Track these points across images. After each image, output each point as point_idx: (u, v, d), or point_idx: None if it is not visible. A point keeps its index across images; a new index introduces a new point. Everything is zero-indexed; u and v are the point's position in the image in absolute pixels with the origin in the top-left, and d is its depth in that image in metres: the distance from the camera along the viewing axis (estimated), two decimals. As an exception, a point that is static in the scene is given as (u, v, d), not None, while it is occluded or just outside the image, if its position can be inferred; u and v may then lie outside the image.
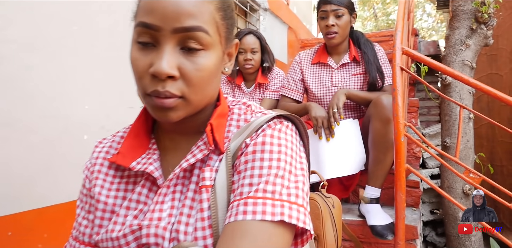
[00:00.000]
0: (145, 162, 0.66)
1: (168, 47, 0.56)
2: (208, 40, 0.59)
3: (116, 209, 0.66)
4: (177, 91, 0.57)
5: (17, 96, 1.24)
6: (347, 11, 1.96)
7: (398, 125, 1.45)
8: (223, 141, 0.65)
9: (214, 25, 0.60)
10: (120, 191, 0.68)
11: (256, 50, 2.22)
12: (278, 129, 0.62)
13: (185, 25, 0.56)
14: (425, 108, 3.79)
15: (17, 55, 1.23)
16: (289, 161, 0.60)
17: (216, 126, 0.65)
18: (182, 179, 0.65)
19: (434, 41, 3.67)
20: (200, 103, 0.62)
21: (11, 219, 1.22)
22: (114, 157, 0.67)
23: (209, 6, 0.59)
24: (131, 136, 0.69)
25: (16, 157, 1.23)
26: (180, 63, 0.57)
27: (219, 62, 0.63)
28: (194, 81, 0.58)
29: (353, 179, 1.96)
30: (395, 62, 1.50)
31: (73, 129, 1.42)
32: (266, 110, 0.69)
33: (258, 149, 0.60)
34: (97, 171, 0.70)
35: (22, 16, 1.25)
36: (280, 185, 0.57)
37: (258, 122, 0.63)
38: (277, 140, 0.60)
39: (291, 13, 4.00)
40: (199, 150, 0.64)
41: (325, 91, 2.04)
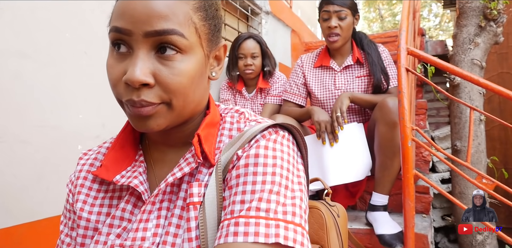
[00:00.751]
0: (130, 176, 0.61)
1: (142, 53, 0.52)
2: (184, 43, 0.53)
3: (99, 226, 0.61)
4: (155, 99, 0.53)
5: (7, 106, 1.19)
6: (350, 12, 1.90)
7: (405, 128, 1.38)
8: (213, 153, 0.59)
9: (191, 26, 0.54)
10: (104, 207, 0.62)
11: (257, 55, 2.16)
12: (273, 140, 0.56)
13: (156, 29, 0.51)
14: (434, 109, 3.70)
15: (6, 64, 1.19)
16: (285, 175, 0.54)
17: (205, 136, 0.59)
18: (169, 194, 0.59)
19: (441, 41, 3.59)
20: (184, 112, 0.57)
21: (3, 232, 1.18)
22: (98, 170, 0.62)
23: (184, 7, 0.53)
24: (116, 147, 0.64)
25: (7, 168, 1.19)
26: (155, 69, 0.52)
27: (202, 66, 0.57)
28: (171, 87, 0.53)
29: (360, 186, 1.89)
30: (400, 63, 1.44)
31: (67, 138, 1.38)
32: (261, 118, 0.63)
33: (251, 162, 0.54)
34: (80, 185, 0.65)
35: (11, 23, 1.20)
36: (275, 202, 0.51)
37: (251, 132, 0.58)
38: (272, 151, 0.55)
39: (294, 16, 3.94)
40: (187, 163, 0.58)
41: (328, 95, 1.98)
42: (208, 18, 0.58)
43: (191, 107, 0.58)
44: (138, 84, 0.51)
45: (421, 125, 2.53)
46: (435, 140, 2.66)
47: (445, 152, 1.51)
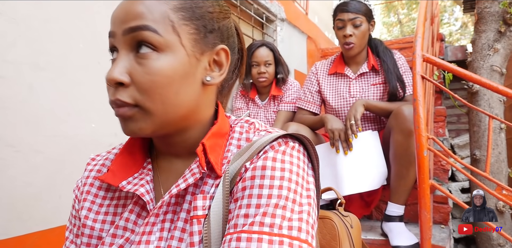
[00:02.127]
0: (136, 183, 0.60)
1: (122, 53, 0.53)
2: (158, 40, 0.52)
3: (103, 235, 0.60)
4: (128, 98, 0.52)
5: (21, 116, 1.22)
6: (365, 19, 1.87)
7: (420, 138, 1.34)
8: (220, 163, 0.57)
9: (168, 25, 0.53)
10: (108, 215, 0.62)
11: (270, 62, 2.16)
12: (281, 151, 0.54)
13: (131, 26, 0.52)
14: (454, 116, 3.61)
15: (20, 76, 1.22)
16: (294, 188, 0.51)
17: (211, 146, 0.57)
18: (174, 205, 0.58)
19: (462, 46, 3.50)
20: (166, 116, 0.55)
21: (16, 241, 1.20)
22: (104, 175, 0.61)
23: (162, 6, 0.53)
24: (124, 153, 0.63)
25: (21, 177, 1.21)
26: (131, 68, 0.53)
27: (184, 67, 0.55)
28: (144, 86, 0.52)
29: (375, 195, 1.85)
30: (416, 71, 1.40)
31: (79, 148, 1.39)
32: (271, 128, 0.61)
33: (258, 174, 0.52)
34: (86, 191, 0.64)
35: (25, 35, 1.23)
36: (280, 217, 0.48)
37: (260, 143, 0.55)
38: (280, 163, 0.53)
39: (310, 22, 3.92)
40: (191, 173, 0.56)
41: (342, 103, 1.95)
42: (193, 18, 0.56)
43: (178, 113, 0.56)
44: (113, 83, 0.52)
45: (440, 132, 2.47)
46: (454, 147, 2.59)
47: (463, 161, 1.46)
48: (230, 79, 0.69)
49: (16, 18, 1.20)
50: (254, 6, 2.80)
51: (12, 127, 1.19)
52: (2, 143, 1.16)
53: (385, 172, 1.74)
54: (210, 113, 0.63)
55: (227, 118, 0.66)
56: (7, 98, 1.18)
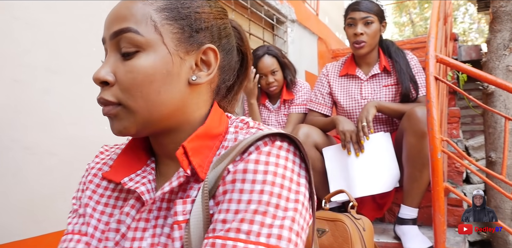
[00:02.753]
0: (138, 181, 0.60)
1: (109, 55, 0.56)
2: (139, 40, 0.53)
3: (100, 225, 0.60)
4: (111, 97, 0.54)
5: (36, 120, 1.24)
6: (377, 18, 1.85)
7: (434, 140, 1.32)
8: (205, 167, 0.55)
9: (150, 25, 0.54)
10: (108, 207, 0.62)
11: (276, 69, 2.11)
12: (266, 152, 0.51)
13: (115, 29, 0.54)
14: (469, 117, 3.55)
15: (35, 80, 1.24)
16: (277, 192, 0.48)
17: (195, 148, 0.55)
18: (165, 210, 0.57)
19: (476, 46, 3.45)
20: (149, 114, 0.54)
21: (32, 241, 1.22)
22: (107, 172, 0.62)
23: (146, 8, 0.55)
24: (128, 151, 0.63)
25: (36, 179, 1.23)
26: (116, 69, 0.54)
27: (167, 65, 0.54)
28: (126, 84, 0.53)
29: (388, 197, 1.83)
30: (429, 71, 1.38)
31: (91, 150, 1.40)
32: (264, 126, 0.58)
33: (239, 178, 0.50)
34: (89, 181, 0.65)
35: (40, 40, 1.25)
36: (259, 224, 0.46)
37: (244, 144, 0.52)
38: (264, 165, 0.50)
39: (321, 23, 3.90)
40: (177, 177, 0.55)
41: (354, 105, 1.93)
42: (177, 18, 0.56)
43: (162, 111, 0.55)
44: (98, 81, 0.54)
45: (454, 134, 2.43)
46: (469, 149, 2.54)
47: (478, 164, 1.44)
48: (228, 80, 0.66)
49: (31, 23, 1.23)
50: (265, 7, 2.80)
51: (27, 130, 1.21)
52: (18, 145, 1.18)
53: (397, 174, 1.72)
54: (201, 114, 0.61)
55: (226, 118, 0.63)
56: (22, 101, 1.20)
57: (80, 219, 0.63)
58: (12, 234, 1.16)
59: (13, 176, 1.17)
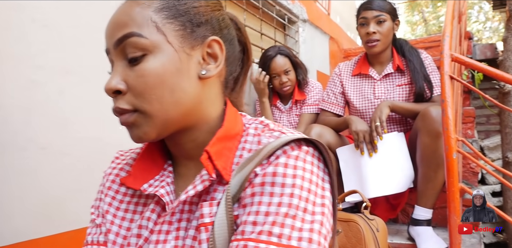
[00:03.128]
0: (157, 185, 0.60)
1: (117, 64, 0.55)
2: (144, 43, 0.53)
3: (122, 231, 0.61)
4: (127, 105, 0.54)
5: (51, 120, 1.25)
6: (389, 17, 1.84)
7: (449, 140, 1.30)
8: (229, 169, 0.56)
9: (152, 26, 0.54)
10: (128, 212, 0.62)
11: (289, 69, 2.12)
12: (294, 156, 0.52)
13: (118, 37, 0.54)
14: (484, 117, 3.50)
15: (51, 80, 1.25)
16: (306, 196, 0.49)
17: (218, 151, 0.56)
18: (188, 213, 0.57)
19: (491, 44, 3.40)
20: (167, 115, 0.54)
21: (47, 240, 1.23)
22: (125, 179, 0.63)
23: (144, 11, 0.54)
24: (144, 156, 0.64)
25: (50, 178, 1.24)
26: (126, 76, 0.54)
27: (175, 64, 0.55)
28: (139, 89, 0.53)
29: (401, 198, 1.81)
30: (444, 71, 1.36)
31: (106, 150, 1.41)
32: (286, 129, 0.58)
33: (268, 181, 0.50)
34: (108, 187, 0.65)
35: (56, 41, 1.27)
36: (290, 227, 0.47)
37: (271, 147, 0.53)
38: (292, 169, 0.50)
39: (332, 23, 3.88)
40: (201, 180, 0.55)
41: (367, 104, 1.92)
42: (177, 15, 0.56)
43: (179, 110, 0.55)
44: (110, 92, 0.54)
45: (469, 134, 2.40)
46: (484, 150, 2.50)
47: (494, 164, 1.41)
48: (234, 72, 0.67)
49: (48, 24, 1.24)
50: (276, 7, 2.80)
51: (43, 130, 1.22)
52: (34, 145, 1.19)
53: (411, 174, 1.70)
54: (216, 110, 0.61)
55: (241, 117, 0.64)
56: (39, 102, 1.21)
57: (98, 229, 0.63)
58: (26, 233, 1.17)
59: (28, 175, 1.18)
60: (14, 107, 1.15)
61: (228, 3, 2.30)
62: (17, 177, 1.16)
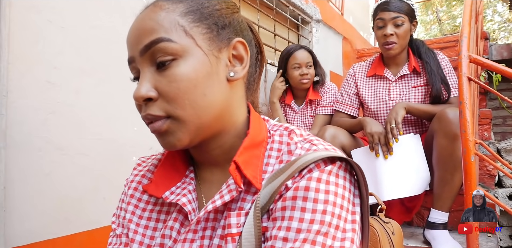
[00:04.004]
0: (179, 193, 0.59)
1: (144, 72, 0.54)
2: (174, 47, 0.52)
3: (145, 240, 0.60)
4: (159, 111, 0.52)
5: (68, 121, 1.27)
6: (407, 18, 1.81)
7: (467, 142, 1.28)
8: (259, 177, 0.55)
9: (180, 30, 0.53)
10: (151, 221, 0.62)
11: (311, 64, 2.14)
12: (327, 171, 0.51)
13: (145, 43, 0.53)
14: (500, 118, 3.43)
15: (67, 81, 1.27)
16: (338, 213, 0.49)
17: (246, 160, 0.55)
18: (213, 221, 0.56)
19: (508, 45, 3.33)
20: (199, 120, 0.54)
21: (63, 240, 1.24)
22: (147, 186, 0.62)
23: (169, 15, 0.53)
24: (166, 163, 0.63)
25: (67, 179, 1.26)
26: (156, 82, 0.53)
27: (206, 67, 0.54)
28: (171, 95, 0.52)
29: (417, 200, 1.79)
30: (461, 72, 1.34)
31: (122, 150, 1.44)
32: (315, 139, 0.57)
33: (300, 195, 0.49)
34: (130, 195, 0.65)
35: (72, 43, 1.28)
36: (321, 245, 0.46)
37: (304, 162, 0.51)
38: (325, 185, 0.49)
39: (346, 23, 3.85)
40: (228, 190, 0.55)
41: (382, 106, 1.89)
42: (202, 18, 0.55)
43: (210, 114, 0.55)
44: (141, 100, 0.53)
45: (485, 136, 2.35)
46: (501, 152, 2.45)
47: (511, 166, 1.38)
48: (254, 73, 0.67)
49: (65, 26, 1.26)
50: (290, 8, 2.79)
51: (60, 130, 1.24)
52: (51, 146, 1.21)
53: (427, 177, 1.67)
54: (243, 113, 0.61)
55: (265, 122, 0.63)
56: (56, 103, 1.23)
57: (118, 240, 0.63)
58: (43, 234, 1.19)
59: (46, 176, 1.20)
60: (30, 108, 1.17)
61: (242, 4, 2.30)
62: (34, 178, 1.17)
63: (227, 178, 0.58)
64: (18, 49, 1.14)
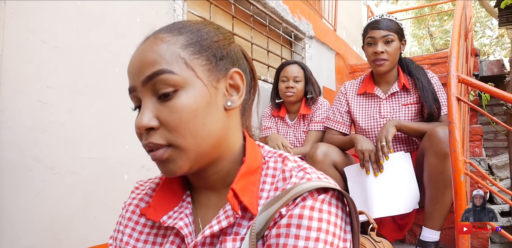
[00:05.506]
0: (176, 217, 0.61)
1: (146, 101, 0.55)
2: (176, 79, 0.54)
3: None
4: (161, 140, 0.54)
5: (60, 140, 1.27)
6: (397, 37, 1.84)
7: (457, 162, 1.29)
8: (255, 203, 0.57)
9: (181, 62, 0.55)
10: (148, 244, 0.63)
11: (299, 79, 2.17)
12: (320, 200, 0.53)
13: (147, 74, 0.54)
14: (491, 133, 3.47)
15: (60, 101, 1.27)
16: (330, 240, 0.51)
17: (243, 187, 0.57)
18: (209, 245, 0.58)
19: (498, 61, 3.39)
20: (200, 149, 0.56)
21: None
22: (145, 209, 0.64)
23: (171, 48, 0.56)
24: (164, 188, 0.65)
25: (58, 198, 1.25)
26: (158, 112, 0.54)
27: (205, 97, 0.56)
28: (173, 125, 0.54)
29: (408, 218, 1.79)
30: (451, 92, 1.36)
31: (113, 169, 1.44)
32: (306, 165, 0.59)
33: (294, 223, 0.51)
34: (128, 218, 0.66)
35: (66, 62, 1.29)
36: None
37: (298, 190, 0.53)
38: (318, 213, 0.51)
39: (339, 39, 3.89)
40: (225, 215, 0.57)
41: (373, 123, 1.91)
42: (202, 50, 0.58)
43: (209, 142, 0.57)
44: (143, 129, 0.54)
45: (476, 152, 2.38)
46: (492, 168, 2.48)
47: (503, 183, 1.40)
48: (249, 99, 0.70)
49: (59, 46, 1.26)
50: (283, 25, 2.82)
51: (51, 149, 1.24)
52: (42, 166, 1.21)
53: (417, 195, 1.68)
54: (239, 140, 0.63)
55: (259, 148, 0.65)
56: (48, 122, 1.23)
57: None
58: (35, 252, 1.18)
59: (36, 195, 1.19)
60: (23, 128, 1.17)
61: (236, 21, 2.32)
62: (26, 197, 1.17)
63: (223, 202, 0.60)
64: (12, 69, 1.14)
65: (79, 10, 1.33)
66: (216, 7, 2.19)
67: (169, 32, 0.57)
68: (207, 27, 0.61)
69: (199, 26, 0.60)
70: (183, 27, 0.59)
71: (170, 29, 0.58)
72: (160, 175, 0.70)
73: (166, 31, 0.58)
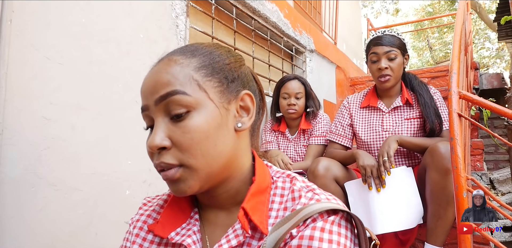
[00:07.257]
0: (184, 233, 0.62)
1: (158, 121, 0.57)
2: (188, 100, 0.55)
3: None
4: (173, 160, 0.55)
5: (62, 156, 1.27)
6: (400, 52, 1.85)
7: (459, 178, 1.29)
8: (265, 222, 0.58)
9: (194, 84, 0.57)
10: None
11: (300, 95, 2.17)
12: (330, 221, 0.54)
13: (161, 94, 0.56)
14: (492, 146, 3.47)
15: (63, 117, 1.27)
16: None
17: (253, 206, 0.58)
18: None
19: (498, 74, 3.40)
20: (211, 169, 0.57)
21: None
22: (153, 226, 0.64)
23: (184, 69, 0.57)
24: (173, 205, 0.66)
25: (59, 215, 1.25)
26: (170, 132, 0.56)
27: (217, 119, 0.57)
28: (185, 145, 0.55)
29: (411, 233, 1.78)
30: (452, 109, 1.36)
31: (116, 185, 1.43)
32: (314, 186, 0.61)
33: (305, 244, 0.52)
34: (136, 234, 0.67)
35: (69, 78, 1.29)
36: None
37: (308, 212, 0.54)
38: (328, 234, 0.52)
39: (339, 52, 3.92)
40: (235, 235, 0.57)
41: (375, 137, 1.91)
42: (214, 72, 0.59)
43: (220, 163, 0.58)
44: (155, 149, 0.55)
45: (478, 166, 2.38)
46: (494, 182, 2.48)
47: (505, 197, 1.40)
48: (258, 120, 0.71)
49: (63, 62, 1.27)
50: (284, 39, 2.84)
51: (54, 166, 1.24)
52: (44, 182, 1.21)
53: (420, 210, 1.68)
54: (248, 160, 0.64)
55: (267, 168, 0.66)
56: (51, 139, 1.23)
57: None
58: (37, 269, 1.18)
59: (38, 211, 1.19)
60: (26, 144, 1.17)
61: (237, 36, 2.34)
62: (28, 213, 1.17)
63: (231, 221, 0.61)
64: (16, 86, 1.15)
65: (83, 27, 1.34)
66: (218, 22, 2.21)
67: (182, 54, 0.59)
68: (219, 50, 0.63)
69: (211, 49, 0.62)
70: (196, 50, 0.60)
71: (183, 52, 0.60)
72: (168, 192, 0.71)
73: (179, 53, 0.59)
